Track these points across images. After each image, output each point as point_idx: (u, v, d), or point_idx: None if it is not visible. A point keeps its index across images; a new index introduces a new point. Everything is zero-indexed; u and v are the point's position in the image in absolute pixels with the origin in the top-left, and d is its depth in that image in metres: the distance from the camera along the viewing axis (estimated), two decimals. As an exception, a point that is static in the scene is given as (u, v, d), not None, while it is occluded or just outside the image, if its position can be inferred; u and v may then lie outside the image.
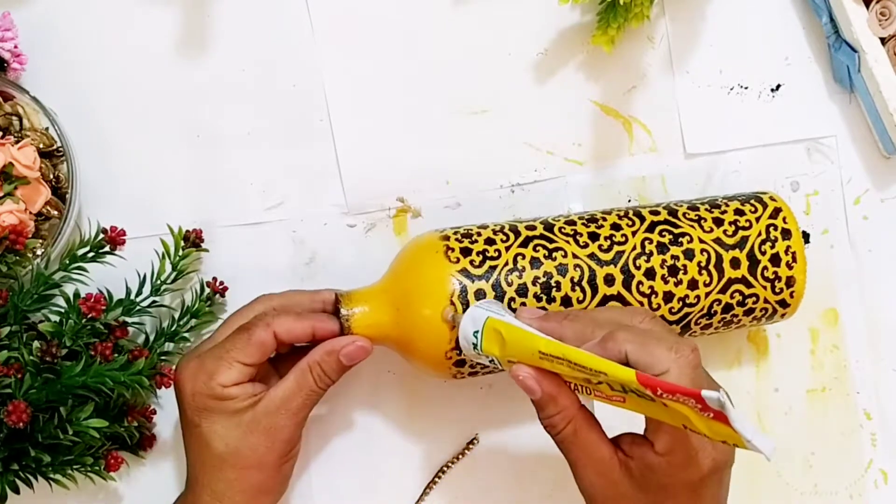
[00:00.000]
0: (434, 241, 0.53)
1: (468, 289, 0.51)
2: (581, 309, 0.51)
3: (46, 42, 0.61)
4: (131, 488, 0.62)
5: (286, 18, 0.62)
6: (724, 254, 0.54)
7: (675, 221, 0.54)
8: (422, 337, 0.52)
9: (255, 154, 0.62)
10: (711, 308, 0.54)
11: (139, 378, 0.54)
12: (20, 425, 0.50)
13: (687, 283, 0.53)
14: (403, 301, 0.52)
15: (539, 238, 0.53)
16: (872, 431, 0.63)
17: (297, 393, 0.52)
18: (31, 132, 0.58)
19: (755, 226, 0.55)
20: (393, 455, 0.62)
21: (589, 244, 0.53)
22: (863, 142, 0.63)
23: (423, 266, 0.52)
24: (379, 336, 0.53)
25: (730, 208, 0.55)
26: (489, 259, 0.52)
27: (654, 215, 0.54)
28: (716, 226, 0.54)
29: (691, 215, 0.55)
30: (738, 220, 0.55)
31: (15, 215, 0.55)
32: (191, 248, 0.60)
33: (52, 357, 0.53)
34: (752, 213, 0.55)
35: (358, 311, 0.52)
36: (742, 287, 0.54)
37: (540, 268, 0.52)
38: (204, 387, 0.51)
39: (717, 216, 0.55)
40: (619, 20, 0.58)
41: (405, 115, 0.62)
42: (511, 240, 0.53)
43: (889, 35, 0.59)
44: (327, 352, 0.52)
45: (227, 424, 0.51)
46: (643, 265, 0.53)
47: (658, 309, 0.53)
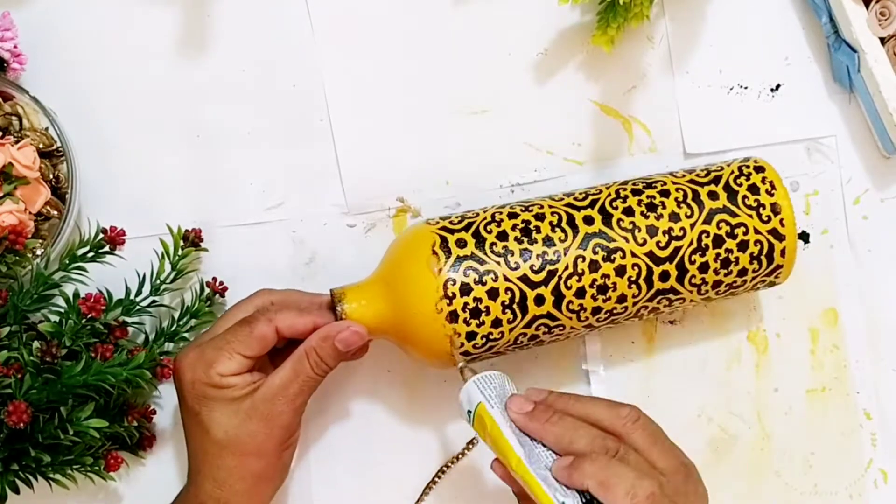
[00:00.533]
0: (418, 226, 0.54)
1: (448, 239, 0.52)
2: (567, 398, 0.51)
3: (46, 42, 0.61)
4: (131, 488, 0.62)
5: (286, 18, 0.62)
6: (699, 189, 0.55)
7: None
8: (417, 326, 0.53)
9: (255, 154, 0.62)
10: (701, 241, 0.54)
11: (140, 372, 0.55)
12: (20, 426, 0.50)
13: (668, 216, 0.54)
14: (394, 291, 0.53)
15: (517, 204, 0.55)
16: (872, 431, 0.63)
17: (294, 379, 0.52)
18: (30, 132, 0.58)
19: (726, 168, 0.56)
20: (392, 455, 0.62)
21: (564, 198, 0.55)
22: (862, 142, 0.63)
23: (409, 249, 0.53)
24: (375, 328, 0.54)
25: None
26: (468, 219, 0.54)
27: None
28: (687, 173, 0.56)
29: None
30: (709, 168, 0.57)
31: (15, 215, 0.55)
32: (190, 248, 0.60)
33: (52, 357, 0.53)
34: (722, 164, 0.57)
35: (350, 307, 0.53)
36: (727, 216, 0.54)
37: (517, 218, 0.53)
38: (203, 375, 0.51)
39: (687, 170, 0.57)
40: (619, 20, 0.58)
41: (405, 115, 0.62)
42: (489, 209, 0.55)
43: (889, 35, 0.59)
44: (323, 337, 0.52)
45: (226, 412, 0.51)
46: (620, 205, 0.54)
47: (644, 244, 0.53)
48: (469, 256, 0.52)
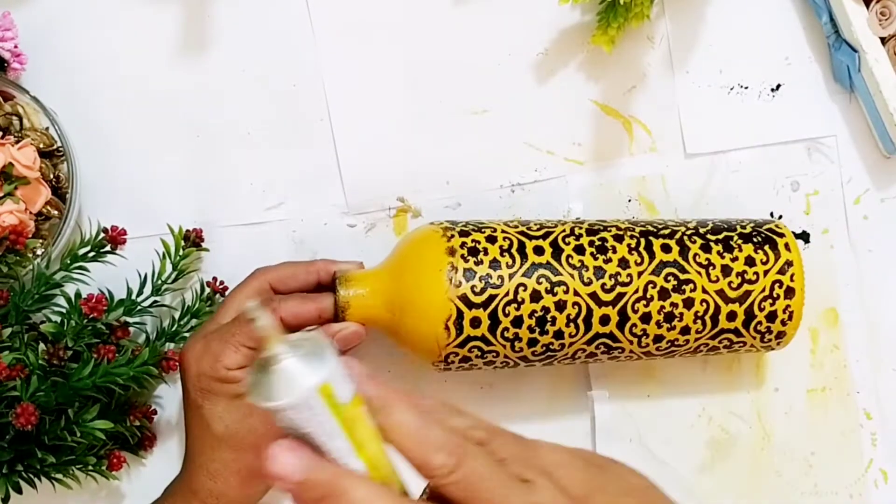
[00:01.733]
0: (440, 252, 0.52)
1: (465, 315, 0.51)
2: None
3: (46, 42, 0.61)
4: (132, 487, 0.62)
5: (286, 18, 0.62)
6: (723, 307, 0.54)
7: (683, 265, 0.53)
8: (412, 341, 0.53)
9: (255, 154, 0.62)
10: (698, 349, 0.55)
11: (146, 369, 0.55)
12: (28, 428, 0.51)
13: (680, 329, 0.54)
14: (400, 301, 0.53)
15: (545, 267, 0.52)
16: (872, 431, 0.63)
17: None
18: (31, 132, 0.58)
19: (761, 280, 0.54)
20: (392, 455, 0.62)
21: (593, 281, 0.52)
22: (863, 141, 0.63)
23: (424, 276, 0.52)
24: (373, 321, 0.54)
25: (742, 254, 0.54)
26: (491, 287, 0.52)
27: (664, 252, 0.53)
28: (722, 276, 0.54)
29: (702, 258, 0.53)
30: (746, 271, 0.54)
31: (15, 215, 0.55)
32: (191, 248, 0.60)
33: (59, 360, 0.53)
34: (762, 265, 0.54)
35: (354, 293, 0.53)
36: (732, 336, 0.55)
37: (539, 302, 0.52)
38: (209, 369, 0.51)
39: (726, 263, 0.54)
40: (620, 20, 0.58)
41: (405, 114, 0.62)
42: (516, 265, 0.52)
43: (889, 35, 0.59)
44: None
45: (227, 406, 0.51)
46: (641, 309, 0.53)
47: (646, 347, 0.54)
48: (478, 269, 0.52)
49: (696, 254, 0.54)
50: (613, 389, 0.62)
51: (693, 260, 0.53)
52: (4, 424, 0.52)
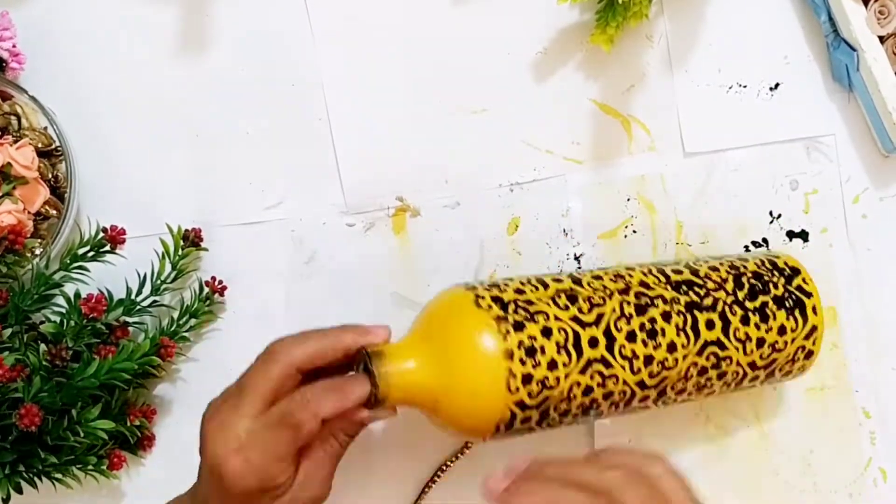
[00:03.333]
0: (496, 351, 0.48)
1: (517, 417, 0.48)
2: None
3: (45, 42, 0.61)
4: (131, 487, 0.62)
5: (285, 18, 0.62)
6: (749, 374, 0.55)
7: (724, 342, 0.53)
8: (459, 427, 0.49)
9: (254, 154, 0.62)
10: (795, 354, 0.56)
11: (149, 360, 0.55)
12: (32, 428, 0.51)
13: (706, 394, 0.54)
14: (448, 389, 0.48)
15: (599, 362, 0.50)
16: (871, 430, 0.63)
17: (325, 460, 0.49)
18: (29, 132, 0.58)
19: (787, 348, 0.55)
20: (391, 455, 0.62)
21: (642, 370, 0.51)
22: (862, 140, 0.63)
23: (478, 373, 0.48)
24: (416, 401, 0.49)
25: (775, 324, 0.54)
26: (546, 388, 0.48)
27: (709, 330, 0.52)
28: (756, 348, 0.54)
29: (741, 333, 0.53)
30: (777, 341, 0.54)
31: (13, 215, 0.55)
32: (190, 248, 0.60)
33: (61, 361, 0.53)
34: (791, 332, 0.55)
35: (398, 368, 0.47)
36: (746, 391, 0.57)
37: (589, 395, 0.50)
38: (256, 486, 0.47)
39: (761, 336, 0.54)
40: (618, 19, 0.58)
41: (404, 114, 0.62)
42: (572, 363, 0.49)
43: (888, 34, 0.59)
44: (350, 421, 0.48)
45: None
46: (679, 387, 0.53)
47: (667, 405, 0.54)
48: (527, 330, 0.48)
49: (737, 328, 0.53)
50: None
51: (733, 336, 0.53)
52: (7, 425, 0.52)
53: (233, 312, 0.62)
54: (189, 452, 0.62)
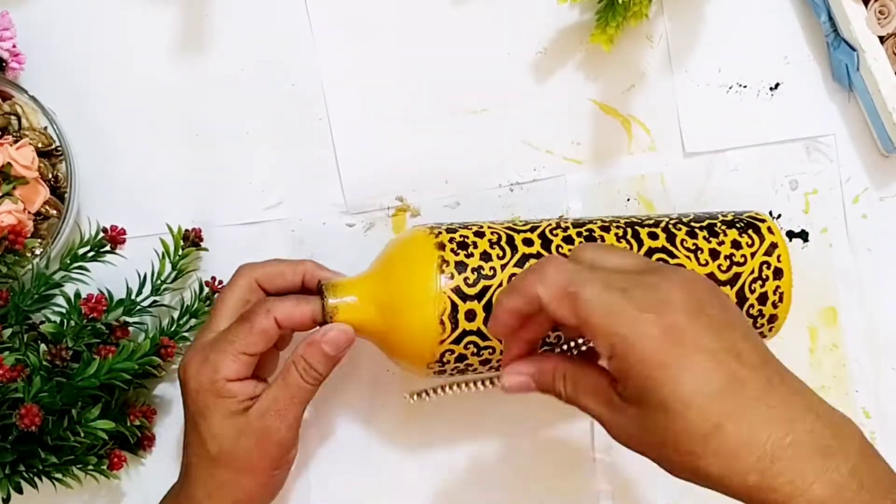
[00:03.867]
0: (429, 247, 0.51)
1: (459, 308, 0.50)
2: None
3: (45, 41, 0.61)
4: (131, 487, 0.62)
5: (285, 18, 0.62)
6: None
7: (672, 250, 0.53)
8: (404, 342, 0.51)
9: (254, 153, 0.62)
10: None
11: (149, 360, 0.56)
12: (32, 428, 0.51)
13: None
14: (391, 303, 0.51)
15: (536, 258, 0.52)
16: (872, 430, 0.63)
17: (284, 390, 0.51)
18: (29, 131, 0.58)
19: (749, 262, 0.54)
20: (391, 454, 0.62)
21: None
22: (862, 140, 0.63)
23: (415, 274, 0.51)
24: (362, 329, 0.52)
25: (727, 238, 0.54)
26: (483, 278, 0.51)
27: (652, 239, 0.53)
28: (711, 259, 0.54)
29: (689, 243, 0.54)
30: (733, 253, 0.54)
31: (13, 215, 0.55)
32: (191, 248, 0.60)
33: (62, 361, 0.53)
34: (748, 247, 0.54)
35: (344, 301, 0.51)
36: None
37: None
38: (207, 383, 0.51)
39: (713, 247, 0.54)
40: (618, 19, 0.58)
41: (404, 114, 0.62)
42: (507, 256, 0.52)
43: (888, 33, 0.59)
44: (309, 343, 0.51)
45: (223, 425, 0.51)
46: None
47: None
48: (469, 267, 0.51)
49: (683, 239, 0.53)
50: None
51: (681, 245, 0.53)
52: (7, 425, 0.52)
53: (233, 312, 0.62)
54: (189, 452, 0.62)
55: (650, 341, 0.38)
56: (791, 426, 0.38)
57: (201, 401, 0.51)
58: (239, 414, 0.51)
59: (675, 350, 0.38)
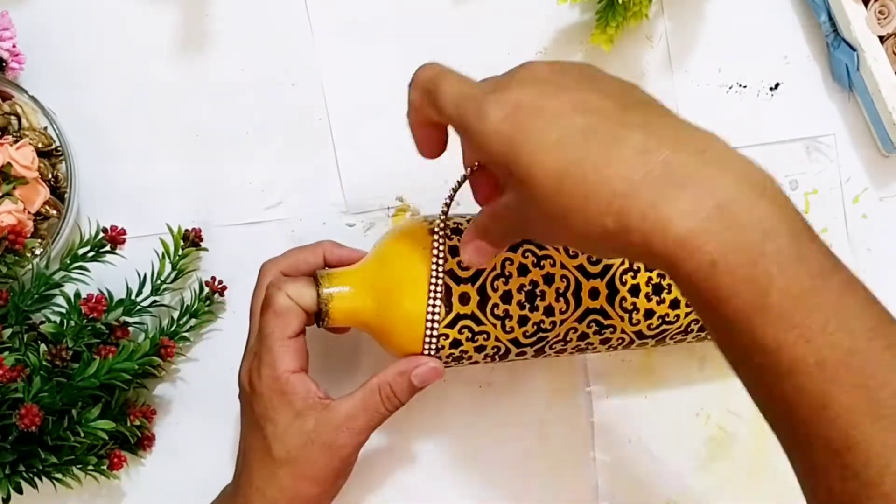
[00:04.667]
0: (422, 233, 0.51)
1: (453, 291, 0.50)
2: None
3: (45, 41, 0.61)
4: (131, 486, 0.62)
5: (285, 18, 0.62)
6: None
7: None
8: (399, 329, 0.51)
9: (254, 153, 0.62)
10: (689, 327, 0.55)
11: (149, 360, 0.55)
12: (32, 429, 0.51)
13: (669, 302, 0.53)
14: (385, 289, 0.51)
15: (529, 242, 0.52)
16: (871, 430, 0.63)
17: (362, 411, 0.50)
18: (29, 132, 0.58)
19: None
20: (390, 455, 0.62)
21: (578, 253, 0.52)
22: (862, 140, 0.63)
23: (408, 259, 0.51)
24: (356, 320, 0.52)
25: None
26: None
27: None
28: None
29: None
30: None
31: (13, 215, 0.55)
32: (191, 248, 0.60)
33: (62, 361, 0.53)
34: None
35: (338, 290, 0.51)
36: None
37: (527, 275, 0.51)
38: (270, 380, 0.50)
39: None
40: (618, 19, 0.58)
41: (404, 114, 0.62)
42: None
43: (888, 33, 0.59)
44: (399, 372, 0.50)
45: (290, 427, 0.50)
46: (629, 281, 0.53)
47: (637, 325, 0.53)
48: None
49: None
50: (612, 388, 0.62)
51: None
52: (7, 426, 0.52)
53: (233, 312, 0.62)
54: (189, 452, 0.62)
55: (495, 122, 0.38)
56: (643, 159, 0.35)
57: (267, 402, 0.50)
58: (304, 415, 0.50)
59: (518, 122, 0.37)
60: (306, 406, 0.50)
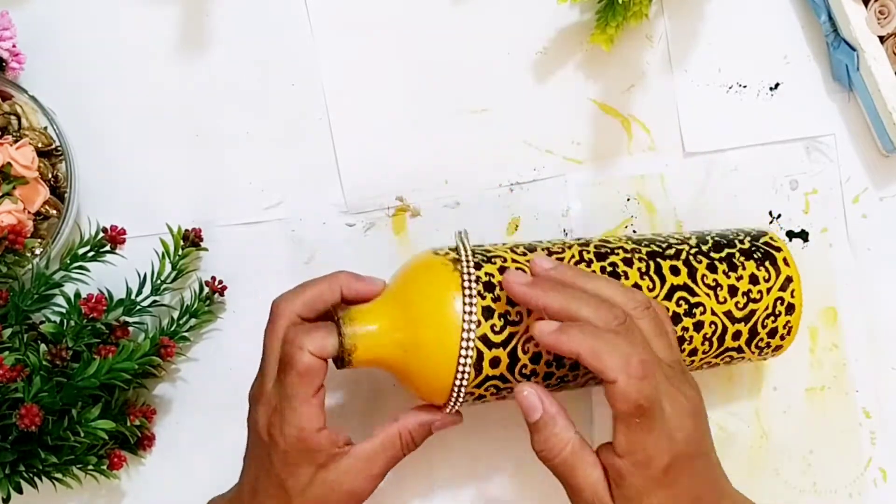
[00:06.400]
0: (453, 286, 0.48)
1: (484, 356, 0.48)
2: (578, 272, 0.49)
3: (45, 41, 0.61)
4: (131, 486, 0.62)
5: (285, 18, 0.62)
6: (730, 327, 0.54)
7: (693, 288, 0.53)
8: (424, 381, 0.49)
9: (253, 153, 0.62)
10: (700, 367, 0.56)
11: (149, 360, 0.55)
12: (32, 428, 0.51)
13: (688, 351, 0.53)
14: (412, 342, 0.48)
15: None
16: (872, 430, 0.63)
17: (381, 455, 0.50)
18: (29, 131, 0.58)
19: (764, 299, 0.55)
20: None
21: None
22: (862, 140, 0.63)
23: (438, 314, 0.48)
24: (382, 361, 0.49)
25: (746, 273, 0.54)
26: (510, 324, 0.48)
27: (673, 275, 0.53)
28: (730, 296, 0.54)
29: (709, 279, 0.53)
30: (750, 290, 0.54)
31: (13, 215, 0.55)
32: (190, 248, 0.60)
33: (61, 361, 0.53)
34: (765, 282, 0.55)
35: (362, 331, 0.48)
36: (734, 353, 0.55)
37: None
38: (296, 440, 0.48)
39: (732, 283, 0.54)
40: (618, 18, 0.58)
41: (404, 113, 0.62)
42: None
43: (888, 33, 0.59)
44: (421, 423, 0.51)
45: (314, 483, 0.49)
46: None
47: None
48: None
49: (704, 275, 0.53)
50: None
51: (701, 281, 0.53)
52: (7, 425, 0.52)
53: (233, 312, 0.62)
54: (189, 452, 0.62)
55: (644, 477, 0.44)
56: None
57: (290, 458, 0.49)
58: (327, 467, 0.49)
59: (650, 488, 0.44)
60: (329, 458, 0.49)
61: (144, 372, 0.57)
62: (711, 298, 0.53)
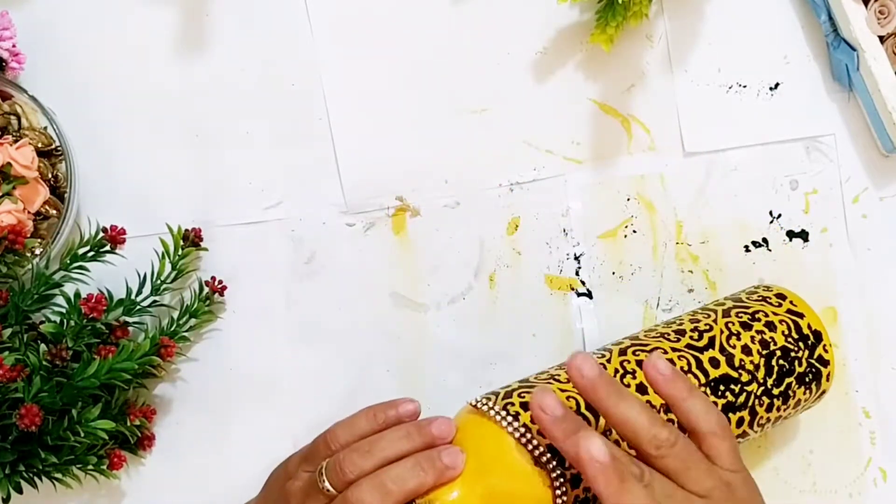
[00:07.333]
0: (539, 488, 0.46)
1: None
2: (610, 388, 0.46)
3: (45, 41, 0.61)
4: (131, 486, 0.62)
5: (285, 18, 0.62)
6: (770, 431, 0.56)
7: (747, 432, 0.53)
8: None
9: (253, 153, 0.62)
10: None
11: (149, 359, 0.55)
12: (32, 428, 0.51)
13: None
14: None
15: None
16: (871, 430, 0.63)
17: None
18: (29, 131, 0.58)
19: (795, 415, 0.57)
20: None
21: None
22: (862, 140, 0.63)
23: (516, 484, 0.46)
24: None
25: (793, 400, 0.54)
26: None
27: (737, 427, 0.52)
28: (772, 424, 0.55)
29: (763, 419, 0.53)
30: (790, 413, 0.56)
31: (13, 215, 0.55)
32: (190, 248, 0.60)
33: (62, 361, 0.53)
34: (804, 403, 0.56)
35: None
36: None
37: None
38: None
39: (778, 416, 0.54)
40: (618, 18, 0.58)
41: (404, 113, 0.62)
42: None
43: (888, 33, 0.59)
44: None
45: None
46: None
47: None
48: None
49: (760, 416, 0.53)
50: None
51: (756, 423, 0.53)
52: (7, 425, 0.52)
53: (233, 312, 0.62)
54: (189, 452, 0.62)
55: None
56: None
57: None
58: None
59: None
60: None
61: (144, 372, 0.57)
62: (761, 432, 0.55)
